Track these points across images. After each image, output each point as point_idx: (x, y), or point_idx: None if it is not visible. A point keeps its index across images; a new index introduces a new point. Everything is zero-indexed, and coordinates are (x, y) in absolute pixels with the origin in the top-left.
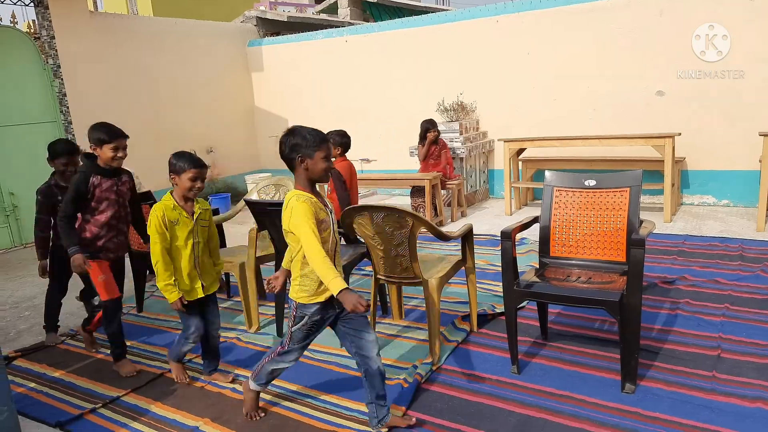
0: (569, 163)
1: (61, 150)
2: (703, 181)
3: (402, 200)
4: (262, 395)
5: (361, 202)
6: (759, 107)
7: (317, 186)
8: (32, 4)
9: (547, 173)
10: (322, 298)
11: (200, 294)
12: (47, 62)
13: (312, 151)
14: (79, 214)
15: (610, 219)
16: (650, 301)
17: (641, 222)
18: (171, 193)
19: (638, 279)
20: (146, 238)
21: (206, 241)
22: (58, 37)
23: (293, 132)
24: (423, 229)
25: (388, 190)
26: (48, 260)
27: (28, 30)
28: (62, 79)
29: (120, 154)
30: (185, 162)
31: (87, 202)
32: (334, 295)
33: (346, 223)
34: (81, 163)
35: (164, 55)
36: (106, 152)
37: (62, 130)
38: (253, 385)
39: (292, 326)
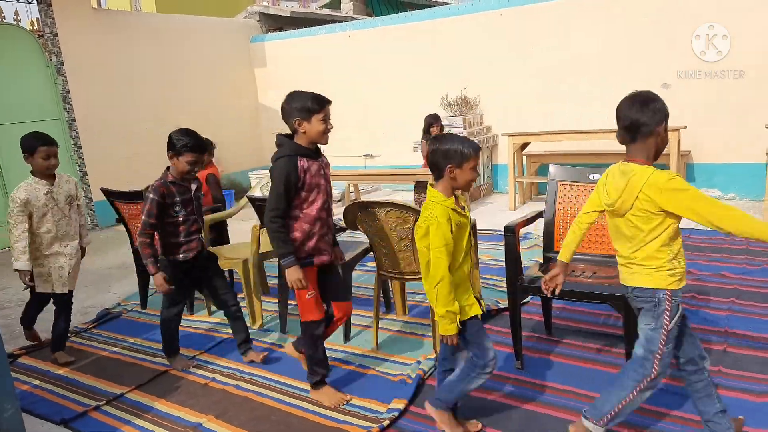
0: (573, 158)
1: (193, 144)
2: (708, 175)
3: (406, 196)
4: (264, 392)
5: (364, 197)
6: (764, 100)
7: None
8: (35, 2)
9: (552, 167)
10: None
11: (477, 311)
12: (50, 60)
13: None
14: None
15: None
16: None
17: None
18: (431, 186)
19: None
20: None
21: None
22: (61, 35)
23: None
24: None
25: (392, 185)
26: (161, 272)
27: (31, 27)
28: (66, 77)
29: (330, 126)
30: (467, 147)
31: (297, 193)
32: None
33: (349, 219)
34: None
35: (167, 52)
36: (315, 125)
37: (66, 127)
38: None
39: (668, 324)
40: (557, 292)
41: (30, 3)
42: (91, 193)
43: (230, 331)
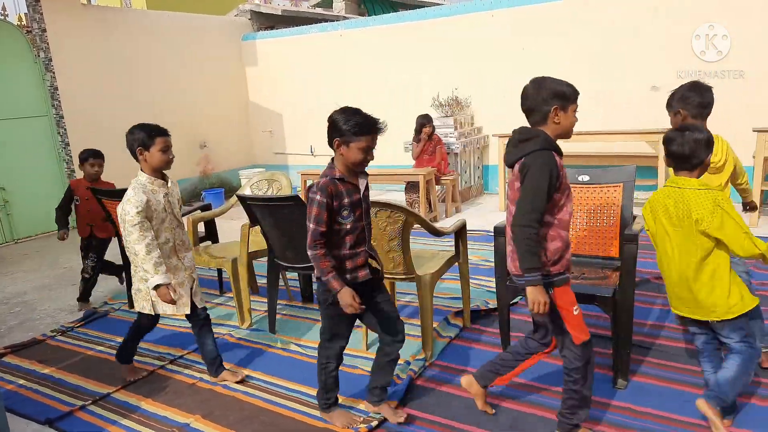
0: (564, 159)
1: (368, 124)
2: None
3: (397, 196)
4: (252, 392)
5: None
6: (755, 104)
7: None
8: None
9: None
10: None
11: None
12: (38, 56)
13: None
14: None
15: (603, 214)
16: (643, 297)
17: (635, 217)
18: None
19: (631, 274)
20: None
21: None
22: (49, 31)
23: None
24: (416, 225)
25: (383, 185)
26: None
27: (19, 23)
28: (54, 73)
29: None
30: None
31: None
32: None
33: None
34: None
35: (157, 49)
36: (571, 117)
37: (54, 124)
38: None
39: None
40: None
41: None
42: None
43: (218, 330)
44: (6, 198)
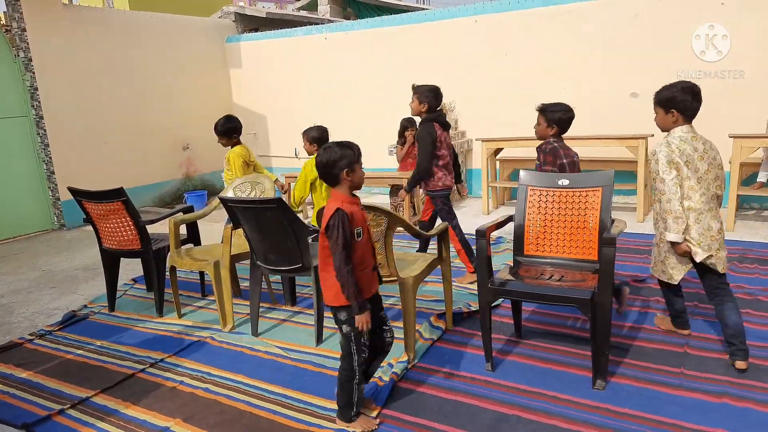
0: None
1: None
2: None
3: (382, 199)
4: (233, 395)
5: None
6: (755, 104)
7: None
8: None
9: (522, 172)
10: None
11: None
12: (18, 55)
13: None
14: None
15: (582, 218)
16: None
17: (613, 221)
18: None
19: (609, 277)
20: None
21: None
22: (29, 30)
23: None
24: (400, 228)
25: (368, 188)
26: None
27: None
28: (33, 73)
29: None
30: None
31: None
32: None
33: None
34: None
35: (140, 50)
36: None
37: (33, 125)
38: None
39: None
40: None
41: None
42: (59, 192)
43: (200, 334)
44: None
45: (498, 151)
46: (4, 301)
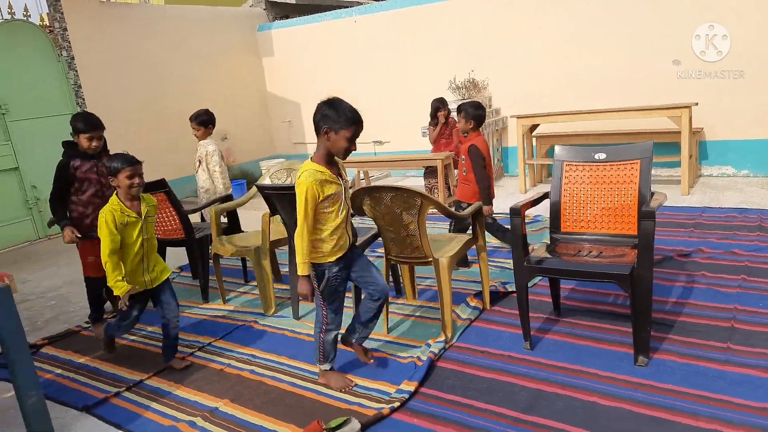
0: (583, 138)
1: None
2: (721, 152)
3: (416, 181)
4: (278, 376)
5: (374, 183)
6: (755, 104)
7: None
8: None
9: (557, 148)
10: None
11: (146, 286)
12: (61, 54)
13: (339, 127)
14: None
15: (620, 192)
16: (665, 275)
17: (653, 194)
18: (116, 195)
19: (649, 251)
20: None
21: (153, 235)
22: (70, 29)
23: (331, 103)
24: (433, 209)
25: (402, 171)
26: None
27: (41, 23)
28: (77, 71)
29: None
30: (118, 162)
31: None
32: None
33: (355, 204)
34: None
35: (175, 43)
36: None
37: None
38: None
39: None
40: None
41: None
42: None
43: (244, 318)
44: (37, 195)
45: (534, 127)
46: (62, 291)
